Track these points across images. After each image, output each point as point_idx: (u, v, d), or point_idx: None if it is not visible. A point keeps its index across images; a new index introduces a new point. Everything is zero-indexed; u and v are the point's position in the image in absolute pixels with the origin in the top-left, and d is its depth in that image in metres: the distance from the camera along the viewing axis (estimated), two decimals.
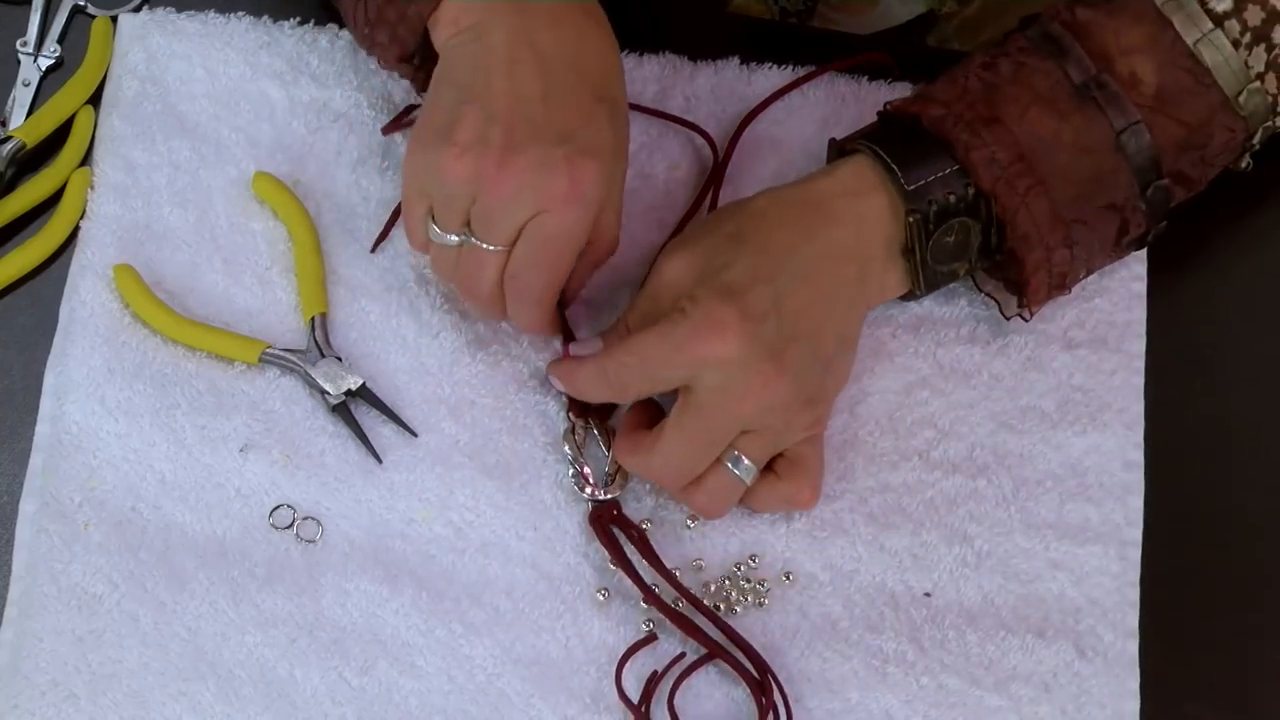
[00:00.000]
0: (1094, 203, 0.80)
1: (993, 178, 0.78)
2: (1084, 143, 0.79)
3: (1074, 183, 0.79)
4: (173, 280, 0.88)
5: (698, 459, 0.79)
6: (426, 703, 0.81)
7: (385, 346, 0.88)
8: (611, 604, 0.83)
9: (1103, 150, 0.79)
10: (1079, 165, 0.79)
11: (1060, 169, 0.79)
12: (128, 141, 0.91)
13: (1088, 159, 0.79)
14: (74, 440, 0.84)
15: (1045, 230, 0.79)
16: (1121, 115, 0.79)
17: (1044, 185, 0.78)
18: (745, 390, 0.77)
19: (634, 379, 0.79)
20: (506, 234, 0.77)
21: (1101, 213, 0.80)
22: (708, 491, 0.80)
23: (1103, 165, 0.79)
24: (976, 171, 0.78)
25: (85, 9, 0.95)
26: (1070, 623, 0.84)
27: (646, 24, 0.94)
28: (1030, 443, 0.87)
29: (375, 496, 0.85)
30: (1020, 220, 0.79)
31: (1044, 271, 0.81)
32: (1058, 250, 0.80)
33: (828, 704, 0.82)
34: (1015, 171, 0.78)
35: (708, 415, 0.77)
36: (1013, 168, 0.78)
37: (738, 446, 0.79)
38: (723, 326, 0.76)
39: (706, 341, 0.76)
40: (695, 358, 0.76)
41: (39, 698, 0.80)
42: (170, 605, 0.82)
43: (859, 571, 0.85)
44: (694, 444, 0.78)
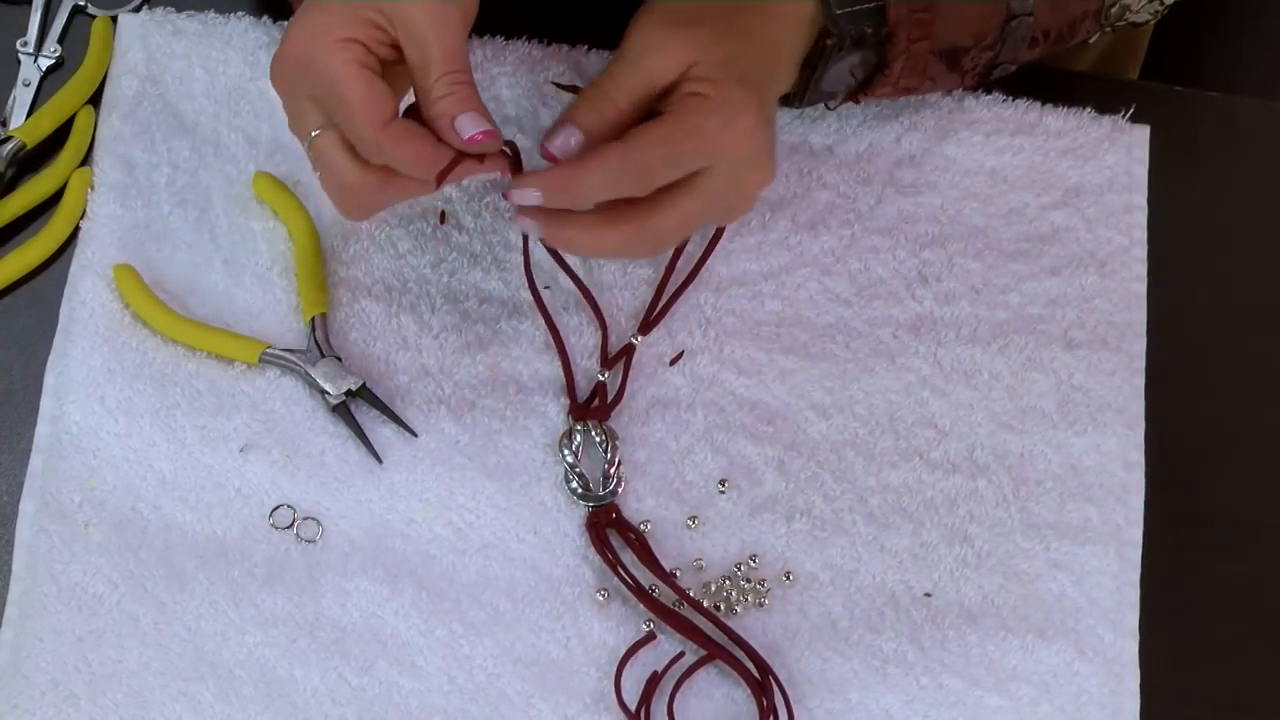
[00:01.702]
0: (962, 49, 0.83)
1: (898, 17, 0.79)
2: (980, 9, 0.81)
3: (955, 32, 0.82)
4: (173, 280, 0.88)
5: (686, 234, 0.79)
6: (426, 703, 0.81)
7: (385, 346, 0.88)
8: (611, 604, 0.83)
9: (993, 20, 0.82)
10: (966, 19, 0.81)
11: (949, 21, 0.81)
12: (128, 141, 0.91)
13: (973, 11, 0.81)
14: (74, 440, 0.84)
15: (908, 71, 0.82)
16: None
17: (930, 37, 0.81)
18: (748, 182, 0.77)
19: (660, 172, 0.74)
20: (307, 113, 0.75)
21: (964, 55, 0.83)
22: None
23: (985, 25, 0.82)
24: (889, 6, 0.79)
25: (85, 9, 0.95)
26: (1070, 623, 0.84)
27: None
28: (1030, 443, 0.87)
29: (375, 496, 0.85)
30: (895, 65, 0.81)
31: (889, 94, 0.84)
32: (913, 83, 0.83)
33: (828, 704, 0.82)
34: (917, 19, 0.80)
35: (711, 200, 0.76)
36: (916, 15, 0.80)
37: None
38: (751, 119, 0.75)
39: (738, 133, 0.74)
40: (721, 148, 0.75)
41: (39, 698, 0.80)
42: (170, 605, 0.82)
43: (859, 571, 0.85)
44: (689, 223, 0.77)
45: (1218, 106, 0.97)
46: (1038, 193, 0.92)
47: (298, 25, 0.74)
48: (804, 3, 0.79)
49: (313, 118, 0.75)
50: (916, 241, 0.91)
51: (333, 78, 0.73)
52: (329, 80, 0.73)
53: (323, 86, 0.73)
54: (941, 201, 0.92)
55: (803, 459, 0.87)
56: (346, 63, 0.73)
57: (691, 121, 0.74)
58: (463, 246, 0.90)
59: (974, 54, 0.83)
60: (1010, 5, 0.82)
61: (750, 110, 0.74)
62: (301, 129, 0.76)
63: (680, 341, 0.89)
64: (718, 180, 0.75)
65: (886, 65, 0.82)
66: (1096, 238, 0.91)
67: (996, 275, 0.90)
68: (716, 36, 0.76)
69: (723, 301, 0.89)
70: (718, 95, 0.74)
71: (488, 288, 0.89)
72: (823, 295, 0.90)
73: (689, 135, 0.74)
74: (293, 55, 0.74)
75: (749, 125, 0.74)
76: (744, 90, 0.75)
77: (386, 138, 0.72)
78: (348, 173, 0.75)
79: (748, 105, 0.74)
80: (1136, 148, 0.94)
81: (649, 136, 0.73)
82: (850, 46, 0.80)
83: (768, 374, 0.88)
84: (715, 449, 0.87)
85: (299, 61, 0.74)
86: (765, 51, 0.78)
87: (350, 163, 0.75)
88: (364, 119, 0.72)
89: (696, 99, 0.74)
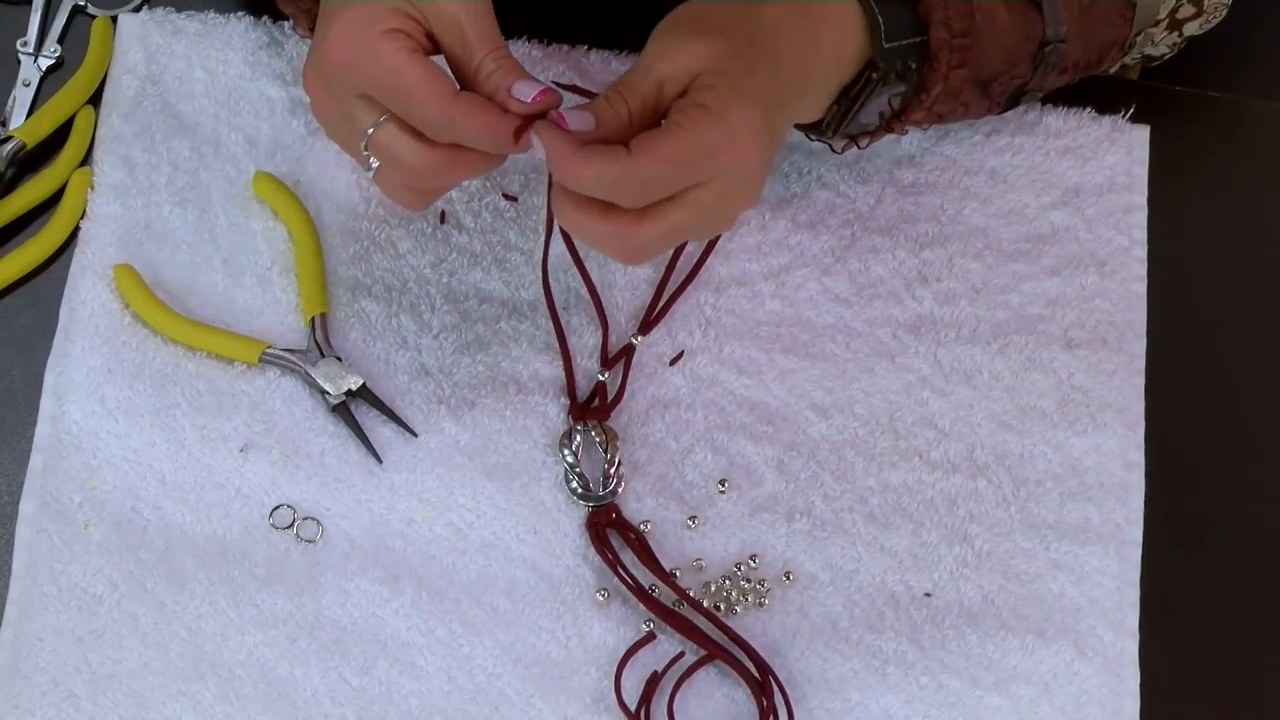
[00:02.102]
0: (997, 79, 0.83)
1: (939, 43, 0.79)
2: (1017, 37, 0.81)
3: (992, 59, 0.81)
4: (173, 280, 0.88)
5: (668, 247, 0.79)
6: (426, 703, 0.81)
7: (385, 346, 0.88)
8: (611, 604, 0.83)
9: (1027, 46, 0.82)
10: (1003, 46, 0.81)
11: (986, 49, 0.81)
12: (128, 141, 0.91)
13: (1010, 39, 0.81)
14: (74, 440, 0.84)
15: (944, 97, 0.81)
16: (1053, 25, 0.82)
17: (968, 64, 0.80)
18: (736, 202, 0.75)
19: (656, 189, 0.73)
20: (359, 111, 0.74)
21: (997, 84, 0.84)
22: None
23: (1019, 52, 0.82)
24: (931, 30, 0.79)
25: (85, 9, 0.95)
26: (1070, 623, 0.84)
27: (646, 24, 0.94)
28: (1030, 443, 0.87)
29: (375, 496, 0.85)
30: (933, 91, 0.81)
31: (921, 120, 0.84)
32: (946, 109, 0.83)
33: (828, 704, 0.82)
34: (958, 45, 0.79)
35: (698, 214, 0.74)
36: (957, 40, 0.79)
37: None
38: (750, 136, 0.73)
39: (736, 149, 0.73)
40: (719, 164, 0.73)
41: (39, 698, 0.80)
42: (170, 605, 0.82)
43: (859, 571, 0.85)
44: (673, 236, 0.76)
45: (1218, 106, 0.97)
46: (1038, 193, 0.92)
47: (333, 29, 0.73)
48: (850, 37, 0.79)
49: (365, 114, 0.74)
50: (916, 241, 0.91)
51: (387, 67, 0.72)
52: (383, 71, 0.72)
53: (376, 79, 0.73)
54: (941, 201, 0.92)
55: (803, 459, 0.87)
56: (397, 51, 0.72)
57: (692, 135, 0.72)
58: (463, 246, 0.90)
59: (1004, 80, 0.83)
60: (1044, 32, 0.82)
61: (752, 127, 0.73)
62: (351, 131, 0.75)
63: (680, 341, 0.89)
64: (709, 195, 0.74)
65: (924, 91, 0.81)
66: (1096, 238, 0.91)
67: (996, 275, 0.90)
68: (734, 50, 0.74)
69: (723, 301, 0.89)
70: (719, 108, 0.72)
71: (488, 288, 0.89)
72: (822, 295, 0.90)
73: (688, 150, 0.72)
74: (335, 57, 0.73)
75: (747, 142, 0.73)
76: (749, 107, 0.73)
77: (458, 111, 0.72)
78: (415, 157, 0.74)
79: (750, 122, 0.73)
80: (1136, 148, 0.94)
81: (649, 153, 0.72)
82: (893, 80, 0.80)
83: (768, 374, 0.88)
84: (715, 449, 0.87)
85: (342, 63, 0.73)
86: (790, 74, 0.77)
87: (417, 146, 0.74)
88: (431, 98, 0.72)
89: (698, 111, 0.72)
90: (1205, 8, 0.88)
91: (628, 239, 0.74)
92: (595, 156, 0.71)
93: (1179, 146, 0.94)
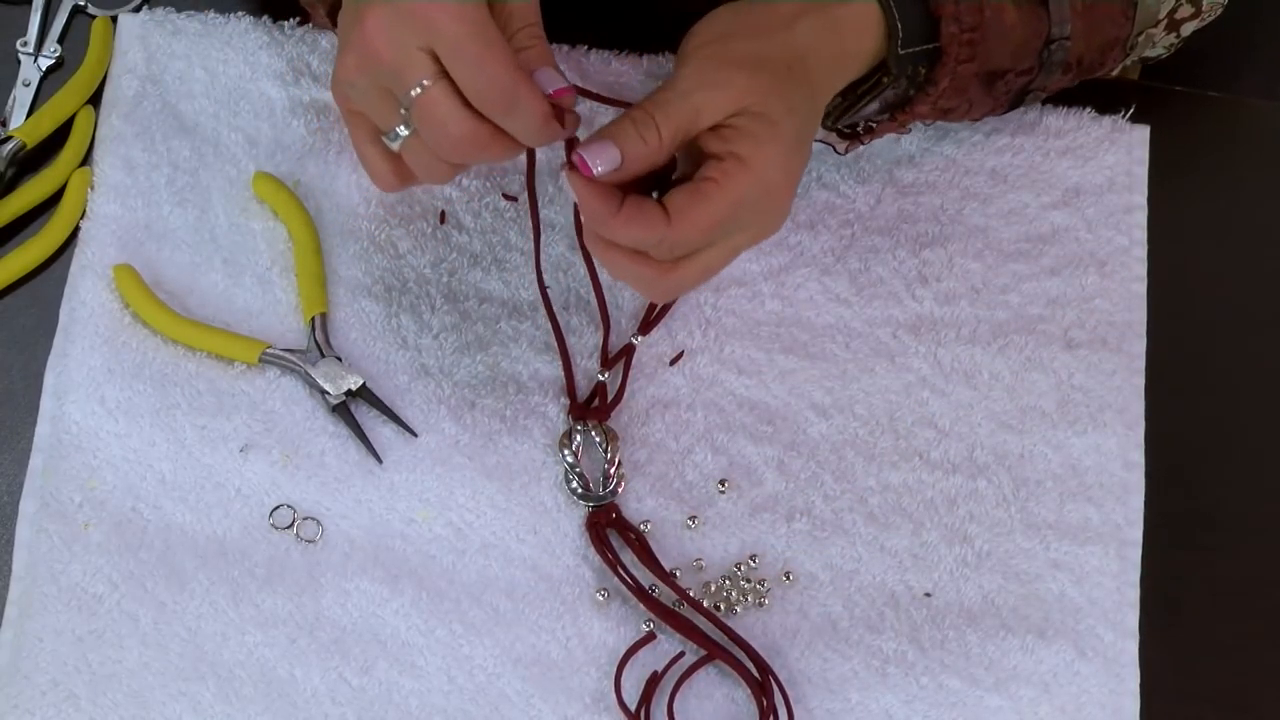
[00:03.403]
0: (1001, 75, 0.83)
1: (949, 37, 0.79)
2: (1023, 33, 0.81)
3: (999, 54, 0.81)
4: (173, 280, 0.88)
5: (700, 284, 0.78)
6: (426, 703, 0.81)
7: (385, 346, 0.88)
8: (611, 604, 0.83)
9: (1034, 43, 0.82)
10: (1010, 41, 0.81)
11: (994, 45, 0.81)
12: (128, 141, 0.91)
13: (1018, 35, 0.81)
14: (74, 440, 0.84)
15: (950, 91, 0.82)
16: (1059, 23, 0.82)
17: (976, 58, 0.80)
18: (769, 233, 0.76)
19: (693, 247, 0.74)
20: (416, 65, 0.72)
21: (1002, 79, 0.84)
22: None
23: (1026, 48, 0.82)
24: (942, 24, 0.79)
25: (85, 9, 0.95)
26: (1070, 623, 0.84)
27: (645, 24, 0.94)
28: (1030, 443, 0.87)
29: (375, 496, 0.85)
30: (941, 84, 0.81)
31: (926, 114, 0.84)
32: (951, 104, 0.83)
33: (828, 704, 0.82)
34: (967, 39, 0.80)
35: (730, 254, 0.76)
36: (966, 35, 0.80)
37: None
38: (790, 184, 0.74)
39: (775, 200, 0.74)
40: (757, 217, 0.74)
41: (39, 698, 0.80)
42: (170, 605, 0.82)
43: (859, 571, 0.85)
44: (706, 275, 0.76)
45: (1218, 106, 0.97)
46: (1038, 193, 0.92)
47: None
48: (869, 41, 0.79)
49: (422, 68, 0.72)
50: (916, 241, 0.91)
51: (472, 19, 0.70)
52: (465, 23, 0.70)
53: (453, 33, 0.70)
54: (941, 201, 0.92)
55: (803, 459, 0.87)
56: (479, 7, 0.70)
57: (730, 196, 0.72)
58: (463, 246, 0.90)
59: (1010, 78, 0.84)
60: (1050, 29, 0.82)
61: (790, 175, 0.74)
62: (398, 86, 0.72)
63: (680, 341, 0.89)
64: (743, 239, 0.75)
65: (931, 83, 0.81)
66: (1096, 238, 0.91)
67: (996, 275, 0.90)
68: (775, 85, 0.74)
69: (723, 301, 0.89)
70: (760, 162, 0.72)
71: (488, 288, 0.89)
72: (822, 295, 0.90)
73: (726, 211, 0.73)
74: (406, 5, 0.70)
75: (788, 190, 0.74)
76: (787, 154, 0.73)
77: (521, 77, 0.71)
78: (457, 123, 0.72)
79: (788, 171, 0.74)
80: (1136, 148, 0.94)
81: (688, 220, 0.72)
82: (902, 83, 0.81)
83: (768, 374, 0.88)
84: (715, 449, 0.87)
85: (412, 11, 0.71)
86: (824, 96, 0.77)
87: (465, 113, 0.72)
88: (503, 61, 0.70)
89: (735, 165, 0.72)
90: (1203, 9, 0.88)
91: (660, 282, 0.75)
92: (633, 220, 0.72)
93: (1179, 146, 0.94)
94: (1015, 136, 0.93)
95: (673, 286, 0.76)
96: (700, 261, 0.75)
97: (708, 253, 0.75)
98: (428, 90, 0.71)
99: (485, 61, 0.70)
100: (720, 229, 0.73)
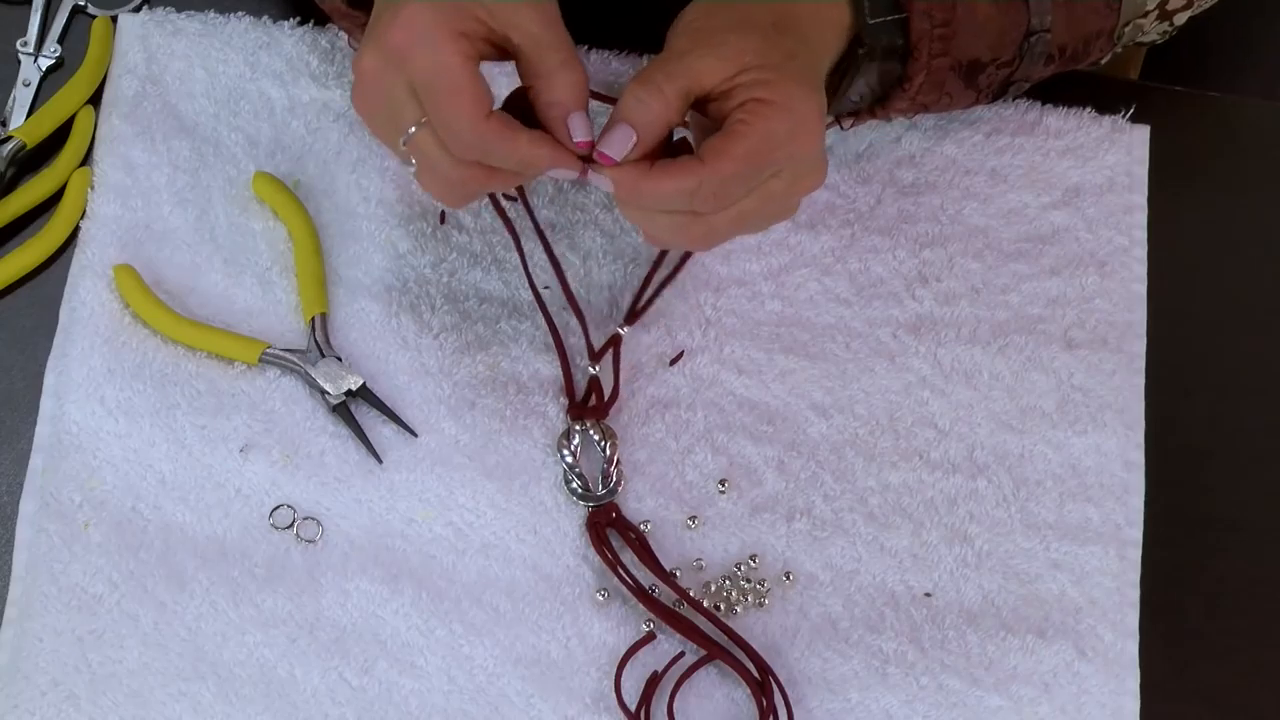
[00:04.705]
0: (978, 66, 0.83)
1: (920, 33, 0.79)
2: (1000, 25, 0.81)
3: (975, 48, 0.81)
4: (173, 280, 0.88)
5: (737, 234, 0.77)
6: (426, 703, 0.81)
7: (385, 346, 0.88)
8: (611, 604, 0.83)
9: (1012, 36, 0.82)
10: (986, 35, 0.81)
11: (968, 38, 0.81)
12: (128, 141, 0.91)
13: (994, 28, 0.81)
14: (74, 440, 0.84)
15: (927, 87, 0.81)
16: (1038, 15, 0.82)
17: (950, 52, 0.80)
18: (802, 185, 0.76)
19: (734, 191, 0.74)
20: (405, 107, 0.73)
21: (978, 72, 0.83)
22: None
23: (1004, 41, 0.82)
24: (912, 20, 0.79)
25: (85, 9, 0.95)
26: (1070, 623, 0.84)
27: (645, 24, 0.94)
28: (1030, 443, 0.87)
29: (375, 496, 0.85)
30: (915, 80, 0.81)
31: (905, 110, 0.83)
32: (930, 99, 0.83)
33: (828, 704, 0.82)
34: (939, 34, 0.79)
35: (767, 201, 0.75)
36: (938, 30, 0.79)
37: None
38: (818, 119, 0.74)
39: (807, 135, 0.73)
40: (791, 153, 0.74)
41: (39, 698, 0.80)
42: (170, 605, 0.82)
43: (859, 571, 0.85)
44: (741, 223, 0.76)
45: (1218, 106, 0.97)
46: (1038, 193, 0.92)
47: (404, 14, 0.72)
48: (841, 9, 0.78)
49: (410, 111, 0.73)
50: (916, 241, 0.91)
51: (439, 63, 0.71)
52: (433, 66, 0.71)
53: (424, 74, 0.72)
54: (941, 201, 0.92)
55: (803, 459, 0.87)
56: (455, 52, 0.71)
57: (761, 131, 0.72)
58: (463, 246, 0.90)
59: (991, 71, 0.83)
60: (1029, 21, 0.82)
61: (815, 111, 0.74)
62: (395, 126, 0.74)
63: (680, 341, 0.89)
64: (779, 183, 0.75)
65: (906, 80, 0.81)
66: (1096, 238, 0.91)
67: (996, 275, 0.90)
68: (767, 40, 0.74)
69: (723, 301, 0.90)
70: (781, 99, 0.72)
71: (488, 288, 0.89)
72: (823, 295, 0.90)
73: (760, 147, 0.73)
74: (398, 43, 0.72)
75: (813, 126, 0.73)
76: (806, 90, 0.73)
77: (488, 130, 0.72)
78: (449, 167, 0.74)
79: (811, 105, 0.73)
80: (1136, 148, 0.94)
81: (724, 156, 0.72)
82: (880, 56, 0.80)
83: (768, 374, 0.88)
84: (715, 449, 0.87)
85: (402, 50, 0.72)
86: (819, 51, 0.77)
87: (449, 159, 0.73)
88: (464, 111, 0.71)
89: (761, 105, 0.72)
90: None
91: (694, 226, 0.74)
92: (669, 172, 0.72)
93: (1179, 146, 0.94)
94: (1015, 136, 0.93)
95: (707, 232, 0.75)
96: (737, 207, 0.74)
97: (744, 201, 0.74)
98: (414, 136, 0.73)
99: (452, 110, 0.71)
100: (755, 169, 0.73)
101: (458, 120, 0.72)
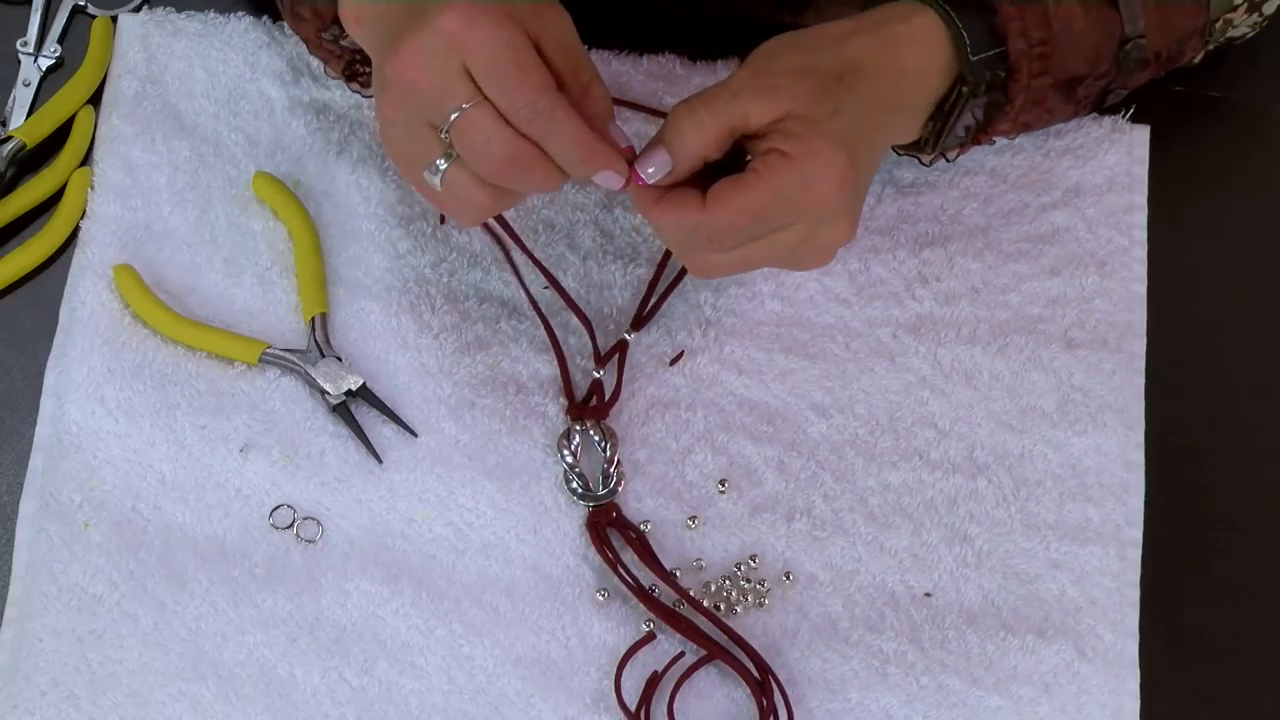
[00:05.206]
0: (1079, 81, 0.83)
1: (1018, 54, 0.79)
2: (1095, 37, 0.81)
3: (1073, 63, 0.81)
4: (173, 280, 0.88)
5: (743, 270, 0.78)
6: (426, 703, 0.81)
7: (385, 346, 0.88)
8: (611, 604, 0.83)
9: (1108, 45, 0.82)
10: (1082, 48, 0.81)
11: (1066, 54, 0.80)
12: (128, 141, 0.91)
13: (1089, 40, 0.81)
14: (74, 440, 0.84)
15: (1028, 106, 0.81)
16: (1130, 21, 0.82)
17: (1050, 71, 0.80)
18: (823, 238, 0.76)
19: (732, 238, 0.75)
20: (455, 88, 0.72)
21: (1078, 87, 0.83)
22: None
23: (1100, 52, 0.82)
24: (1009, 42, 0.79)
25: (85, 9, 0.95)
26: (1070, 623, 0.84)
27: (646, 24, 0.94)
28: (1030, 443, 0.87)
29: (375, 496, 0.85)
30: (1016, 101, 0.81)
31: (1008, 131, 0.84)
32: (1032, 118, 0.83)
33: (828, 704, 0.82)
34: (1037, 54, 0.79)
35: (776, 249, 0.76)
36: (1036, 49, 0.79)
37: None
38: (834, 179, 0.74)
39: (816, 195, 0.74)
40: (799, 209, 0.74)
41: (39, 698, 0.80)
42: (170, 605, 0.82)
43: (859, 571, 0.85)
44: (745, 264, 0.77)
45: (1218, 107, 0.97)
46: (1038, 193, 0.92)
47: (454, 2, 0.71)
48: (935, 54, 0.79)
49: (461, 90, 0.72)
50: (916, 241, 0.91)
51: (505, 39, 0.71)
52: (500, 43, 0.71)
53: (489, 52, 0.71)
54: (941, 201, 0.92)
55: (803, 459, 0.87)
56: (517, 32, 0.71)
57: (768, 186, 0.73)
58: (463, 246, 0.90)
59: (1089, 82, 0.83)
60: (1123, 29, 0.82)
61: (834, 170, 0.73)
62: (442, 107, 0.72)
63: (680, 341, 0.89)
64: (789, 236, 0.75)
65: (1008, 102, 0.81)
66: (1096, 238, 0.91)
67: (996, 275, 0.90)
68: (822, 91, 0.75)
69: (723, 301, 0.90)
70: (801, 155, 0.73)
71: (488, 288, 0.89)
72: (822, 295, 0.90)
73: (763, 202, 0.73)
74: (449, 26, 0.71)
75: (830, 187, 0.73)
76: (831, 149, 0.73)
77: (560, 103, 0.71)
78: (503, 143, 0.72)
79: (831, 165, 0.73)
80: (1136, 148, 0.94)
81: (724, 205, 0.73)
82: (984, 91, 0.80)
83: (768, 374, 0.88)
84: (715, 449, 0.87)
85: (456, 33, 0.71)
86: (876, 106, 0.77)
87: (508, 132, 0.72)
88: (540, 80, 0.71)
89: (779, 158, 0.73)
90: None
91: (695, 256, 0.76)
92: (672, 208, 0.74)
93: (1179, 146, 0.94)
94: (1015, 137, 0.93)
95: (708, 266, 0.76)
96: (739, 250, 0.75)
97: (749, 246, 0.75)
98: (467, 112, 0.72)
99: (522, 83, 0.71)
100: (759, 221, 0.74)
101: (529, 88, 0.71)
